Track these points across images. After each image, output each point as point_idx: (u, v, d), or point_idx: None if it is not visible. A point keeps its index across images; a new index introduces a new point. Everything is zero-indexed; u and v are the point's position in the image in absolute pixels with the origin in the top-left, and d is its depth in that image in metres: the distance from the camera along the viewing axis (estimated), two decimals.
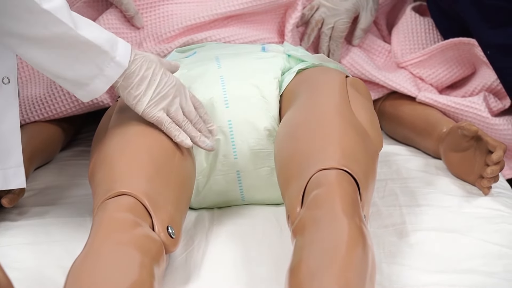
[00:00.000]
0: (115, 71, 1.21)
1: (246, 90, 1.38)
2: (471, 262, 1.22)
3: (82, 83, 1.20)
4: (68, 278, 1.02)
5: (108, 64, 1.20)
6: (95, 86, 1.21)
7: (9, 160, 1.30)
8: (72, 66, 1.18)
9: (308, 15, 1.71)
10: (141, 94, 1.24)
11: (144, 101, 1.25)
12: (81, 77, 1.20)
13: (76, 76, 1.20)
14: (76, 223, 1.34)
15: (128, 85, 1.24)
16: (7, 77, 1.27)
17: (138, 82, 1.24)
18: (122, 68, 1.22)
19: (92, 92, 1.22)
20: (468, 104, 1.63)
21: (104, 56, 1.19)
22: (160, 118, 1.26)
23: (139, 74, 1.24)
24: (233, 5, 1.61)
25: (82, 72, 1.19)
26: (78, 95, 1.23)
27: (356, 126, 1.24)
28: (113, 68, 1.21)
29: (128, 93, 1.24)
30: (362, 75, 1.72)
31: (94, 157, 1.28)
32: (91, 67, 1.19)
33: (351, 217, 1.05)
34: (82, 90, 1.22)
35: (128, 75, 1.23)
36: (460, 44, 1.67)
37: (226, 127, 1.36)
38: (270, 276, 1.18)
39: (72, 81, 1.20)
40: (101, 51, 1.19)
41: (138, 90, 1.24)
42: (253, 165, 1.38)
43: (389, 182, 1.49)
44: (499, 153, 1.38)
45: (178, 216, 1.19)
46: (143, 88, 1.24)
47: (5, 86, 1.27)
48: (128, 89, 1.24)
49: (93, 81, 1.20)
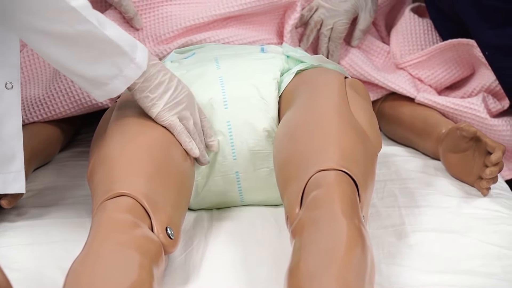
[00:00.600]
0: (135, 72, 1.23)
1: (245, 91, 1.38)
2: (470, 262, 1.22)
3: (101, 83, 1.22)
4: (67, 278, 1.02)
5: (128, 65, 1.22)
6: (114, 86, 1.22)
7: (10, 165, 1.30)
8: (93, 65, 1.20)
9: (307, 16, 1.71)
10: (157, 97, 1.26)
11: (159, 105, 1.27)
12: (100, 77, 1.21)
13: (96, 76, 1.21)
14: (75, 224, 1.34)
15: (146, 88, 1.25)
16: (10, 82, 1.28)
17: (156, 86, 1.26)
18: (141, 70, 1.23)
19: (109, 92, 1.23)
20: (467, 105, 1.63)
21: (125, 57, 1.21)
22: (173, 123, 1.28)
23: (157, 78, 1.26)
24: (232, 6, 1.61)
25: (102, 72, 1.21)
26: (95, 94, 1.24)
27: (355, 127, 1.24)
28: (132, 69, 1.22)
29: (145, 95, 1.26)
30: (361, 76, 1.72)
31: (93, 158, 1.28)
32: (112, 67, 1.20)
33: (350, 218, 1.05)
34: (100, 89, 1.23)
35: (148, 78, 1.25)
36: (459, 45, 1.67)
37: (225, 128, 1.36)
38: (269, 276, 1.18)
39: (91, 80, 1.21)
40: (122, 52, 1.20)
41: (155, 93, 1.26)
42: (252, 166, 1.38)
43: (388, 183, 1.50)
44: (498, 154, 1.38)
45: (177, 217, 1.19)
46: (160, 92, 1.26)
47: (8, 91, 1.28)
48: (145, 91, 1.26)
49: (112, 81, 1.22)
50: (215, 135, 1.36)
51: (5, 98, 1.27)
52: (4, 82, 1.27)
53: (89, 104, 1.58)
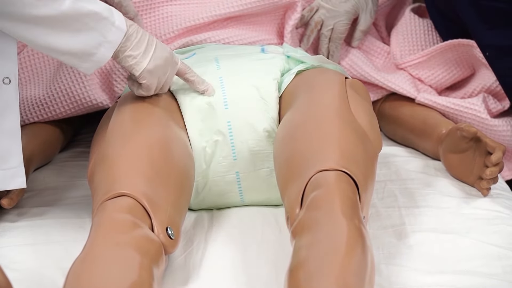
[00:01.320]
0: (117, 35, 1.24)
1: (245, 91, 1.38)
2: (470, 263, 1.22)
3: (89, 53, 1.23)
4: (67, 278, 1.02)
5: (110, 30, 1.23)
6: (101, 54, 1.24)
7: (9, 161, 1.30)
8: (78, 38, 1.21)
9: (308, 17, 1.71)
10: (140, 54, 1.27)
11: (143, 63, 1.28)
12: (87, 48, 1.22)
13: (82, 48, 1.22)
14: (75, 224, 1.34)
15: (127, 47, 1.27)
16: (7, 77, 1.27)
17: (137, 44, 1.27)
18: (123, 32, 1.25)
19: (97, 62, 1.24)
20: (467, 105, 1.63)
21: (105, 22, 1.22)
22: (151, 85, 1.30)
23: (137, 36, 1.27)
24: (232, 6, 1.61)
25: (87, 42, 1.22)
26: (83, 68, 1.25)
27: (355, 128, 1.24)
28: (114, 33, 1.24)
29: (128, 54, 1.27)
30: (361, 76, 1.72)
31: (94, 158, 1.28)
32: (95, 35, 1.22)
33: (350, 218, 1.05)
34: (88, 61, 1.24)
35: (127, 37, 1.26)
36: (459, 46, 1.67)
37: (225, 128, 1.36)
38: (269, 277, 1.18)
39: (79, 53, 1.23)
40: (102, 17, 1.22)
41: (137, 51, 1.27)
42: (253, 166, 1.38)
43: (388, 183, 1.50)
44: (498, 155, 1.38)
45: (177, 217, 1.19)
46: (142, 50, 1.28)
47: (6, 86, 1.27)
48: (127, 51, 1.27)
49: (98, 49, 1.23)
50: (205, 81, 1.37)
51: (3, 94, 1.27)
52: (1, 78, 1.27)
53: (89, 104, 1.58)
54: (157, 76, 1.30)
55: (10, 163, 1.30)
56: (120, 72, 1.60)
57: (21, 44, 1.65)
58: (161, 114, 1.33)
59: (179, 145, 1.29)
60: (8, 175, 1.30)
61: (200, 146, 1.37)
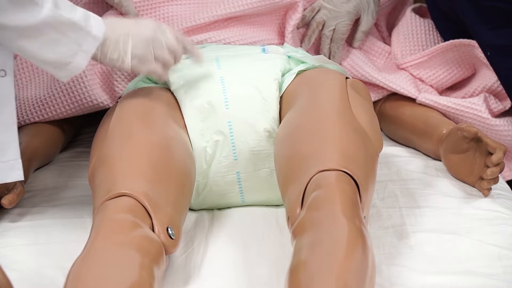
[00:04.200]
0: (92, 44, 1.25)
1: (246, 91, 1.38)
2: (471, 263, 1.22)
3: (64, 63, 1.23)
4: (68, 279, 1.02)
5: (85, 39, 1.23)
6: (76, 63, 1.24)
7: (7, 154, 1.30)
8: (55, 48, 1.21)
9: (309, 17, 1.71)
10: (122, 53, 1.28)
11: (127, 59, 1.29)
12: (63, 57, 1.23)
13: (58, 58, 1.23)
14: (76, 224, 1.34)
15: (106, 52, 1.27)
16: (3, 70, 1.28)
17: (114, 45, 1.28)
18: (98, 41, 1.25)
19: (72, 70, 1.25)
20: (468, 105, 1.63)
21: (81, 32, 1.23)
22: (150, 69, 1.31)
23: (112, 38, 1.27)
24: (233, 6, 1.61)
25: (63, 52, 1.22)
26: (59, 76, 1.26)
27: (356, 128, 1.24)
28: (90, 43, 1.24)
29: (110, 58, 1.28)
30: (362, 76, 1.72)
31: (94, 158, 1.28)
32: (71, 45, 1.22)
33: (351, 218, 1.05)
34: (63, 70, 1.25)
35: (104, 42, 1.26)
36: (460, 46, 1.67)
37: (226, 128, 1.36)
38: (270, 277, 1.18)
39: (55, 63, 1.23)
40: (78, 28, 1.22)
41: (115, 52, 1.28)
42: (253, 166, 1.38)
43: (389, 184, 1.49)
44: (499, 155, 1.38)
45: (178, 217, 1.19)
46: (119, 48, 1.28)
47: (2, 79, 1.28)
48: (107, 56, 1.27)
49: (74, 58, 1.23)
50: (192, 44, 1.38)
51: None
52: None
53: (90, 104, 1.58)
54: (149, 58, 1.31)
55: (7, 156, 1.30)
56: (120, 72, 1.60)
57: None
58: (162, 114, 1.33)
59: (179, 145, 1.29)
60: (6, 168, 1.30)
61: (201, 146, 1.37)
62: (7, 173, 1.30)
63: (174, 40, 1.34)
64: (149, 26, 1.32)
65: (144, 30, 1.31)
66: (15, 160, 1.30)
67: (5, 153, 1.29)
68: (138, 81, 1.48)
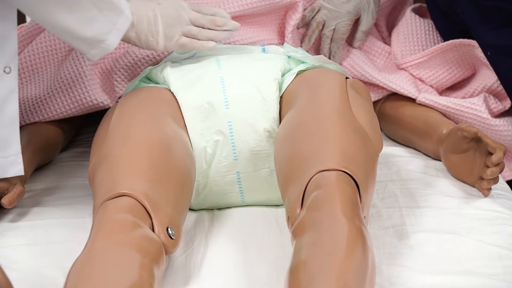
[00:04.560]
0: (125, 23, 1.30)
1: (246, 91, 1.38)
2: (471, 263, 1.22)
3: (98, 40, 1.28)
4: (68, 278, 1.02)
5: (119, 18, 1.28)
6: (110, 41, 1.29)
7: (9, 149, 1.31)
8: (92, 24, 1.26)
9: (309, 17, 1.71)
10: (154, 33, 1.35)
11: (160, 39, 1.36)
12: (98, 34, 1.27)
13: (94, 34, 1.27)
14: (75, 224, 1.34)
15: (139, 33, 1.34)
16: (8, 66, 1.29)
17: (146, 26, 1.34)
18: (129, 20, 1.31)
19: (105, 48, 1.29)
20: (468, 105, 1.63)
21: (116, 10, 1.28)
22: (181, 43, 1.39)
23: (141, 19, 1.33)
24: (233, 6, 1.61)
25: (99, 29, 1.27)
26: (90, 54, 1.30)
27: (356, 128, 1.24)
28: (123, 21, 1.30)
29: (144, 40, 1.36)
30: (362, 76, 1.72)
31: (94, 158, 1.28)
32: (107, 22, 1.27)
33: (351, 218, 1.05)
34: (96, 48, 1.29)
35: (138, 22, 1.33)
36: (460, 46, 1.67)
37: (226, 128, 1.36)
38: (270, 277, 1.18)
39: (90, 39, 1.28)
40: (114, 6, 1.27)
41: (149, 32, 1.35)
42: (253, 166, 1.38)
43: (389, 184, 1.49)
44: (499, 155, 1.38)
45: (178, 217, 1.19)
46: (152, 28, 1.34)
47: (7, 75, 1.29)
48: (143, 35, 1.35)
49: (108, 36, 1.28)
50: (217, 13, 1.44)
51: (4, 83, 1.29)
52: (2, 67, 1.28)
53: (90, 104, 1.58)
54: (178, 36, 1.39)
55: (9, 151, 1.31)
56: (120, 72, 1.60)
57: (22, 44, 1.65)
58: (162, 114, 1.33)
59: (179, 145, 1.29)
60: (8, 163, 1.31)
61: (201, 146, 1.37)
62: (8, 167, 1.32)
63: (195, 14, 1.41)
64: (170, 4, 1.38)
65: (168, 9, 1.37)
66: (16, 155, 1.32)
67: (7, 148, 1.30)
68: (138, 81, 1.48)
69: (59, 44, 1.62)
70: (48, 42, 1.62)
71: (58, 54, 1.62)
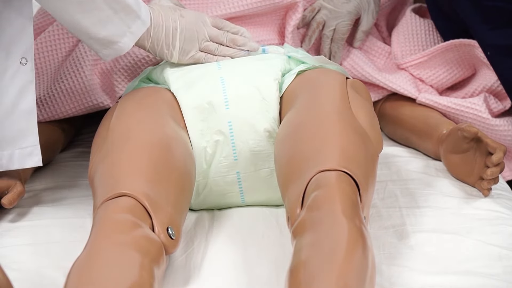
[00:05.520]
0: (140, 28, 1.32)
1: (246, 91, 1.38)
2: (471, 263, 1.22)
3: (111, 41, 1.30)
4: (68, 279, 1.02)
5: (135, 22, 1.30)
6: (123, 44, 1.31)
7: (26, 140, 1.33)
8: (106, 25, 1.28)
9: (309, 17, 1.71)
10: (171, 45, 1.36)
11: (175, 52, 1.38)
12: (112, 36, 1.30)
13: (107, 35, 1.29)
14: (76, 224, 1.34)
15: (155, 42, 1.35)
16: (25, 58, 1.31)
17: (164, 37, 1.35)
18: (146, 26, 1.33)
19: (118, 50, 1.33)
20: (468, 105, 1.63)
21: (133, 14, 1.30)
22: (196, 58, 1.41)
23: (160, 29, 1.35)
24: (233, 7, 1.61)
25: (113, 31, 1.29)
26: (103, 54, 1.32)
27: (356, 128, 1.24)
28: (138, 26, 1.32)
29: (159, 51, 1.38)
30: (362, 76, 1.72)
31: (94, 158, 1.28)
32: (122, 25, 1.29)
33: (351, 218, 1.05)
34: (109, 48, 1.31)
35: (156, 31, 1.34)
36: (460, 46, 1.67)
37: (226, 128, 1.36)
38: (270, 277, 1.18)
39: (103, 40, 1.30)
40: (131, 10, 1.29)
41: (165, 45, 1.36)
42: (253, 167, 1.38)
43: (389, 184, 1.49)
44: (499, 155, 1.38)
45: (178, 217, 1.19)
46: (170, 40, 1.36)
47: (23, 67, 1.31)
48: (159, 45, 1.35)
49: (122, 38, 1.30)
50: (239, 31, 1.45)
51: (21, 74, 1.31)
52: (19, 58, 1.30)
53: (90, 104, 1.58)
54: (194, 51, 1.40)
55: (27, 142, 1.33)
56: (121, 72, 1.60)
57: None
58: (162, 114, 1.33)
59: (179, 145, 1.29)
60: (26, 154, 1.33)
61: (201, 146, 1.37)
62: (26, 158, 1.34)
63: (215, 31, 1.42)
64: (192, 19, 1.39)
65: (189, 24, 1.38)
66: (34, 146, 1.34)
67: (25, 139, 1.33)
68: (138, 81, 1.48)
69: (59, 44, 1.62)
70: (49, 42, 1.62)
71: (58, 54, 1.62)
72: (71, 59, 1.59)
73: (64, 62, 1.61)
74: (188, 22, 1.39)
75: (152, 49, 1.38)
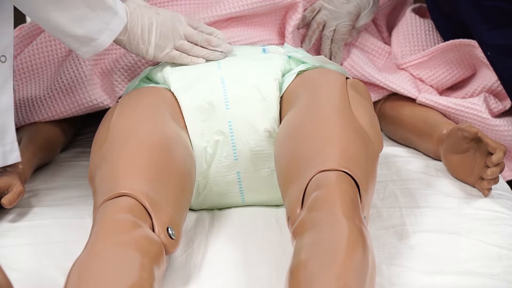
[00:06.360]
0: (119, 24, 1.32)
1: (246, 91, 1.38)
2: (471, 263, 1.22)
3: (90, 38, 1.30)
4: (68, 278, 1.02)
5: (113, 18, 1.31)
6: (102, 41, 1.31)
7: (6, 137, 1.33)
8: (83, 23, 1.28)
9: (309, 17, 1.71)
10: (146, 41, 1.37)
11: (151, 48, 1.38)
12: (89, 33, 1.30)
13: (85, 33, 1.29)
14: (76, 224, 1.34)
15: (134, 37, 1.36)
16: (3, 55, 1.30)
17: (139, 33, 1.36)
18: (124, 22, 1.33)
19: (97, 47, 1.33)
20: (468, 105, 1.63)
21: (110, 11, 1.30)
22: (170, 55, 1.41)
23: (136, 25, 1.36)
24: (233, 7, 1.61)
25: (91, 28, 1.29)
26: (82, 52, 1.32)
27: (356, 128, 1.24)
28: (117, 22, 1.32)
29: (135, 46, 1.38)
30: (362, 76, 1.72)
31: (94, 158, 1.28)
32: (99, 22, 1.29)
33: (351, 218, 1.05)
34: (88, 46, 1.31)
35: (132, 26, 1.35)
36: (460, 46, 1.67)
37: (226, 128, 1.36)
38: (270, 277, 1.18)
39: (81, 37, 1.30)
40: (107, 7, 1.29)
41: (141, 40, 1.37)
42: (253, 167, 1.38)
43: (389, 184, 1.49)
44: (499, 155, 1.38)
45: (178, 217, 1.19)
46: (146, 36, 1.36)
47: (2, 64, 1.31)
48: (135, 40, 1.37)
49: (100, 35, 1.30)
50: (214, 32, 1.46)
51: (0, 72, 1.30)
52: None
53: (90, 104, 1.58)
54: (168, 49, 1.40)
55: (7, 139, 1.33)
56: (121, 72, 1.60)
57: (22, 44, 1.65)
58: (162, 114, 1.33)
59: (180, 145, 1.29)
60: (7, 151, 1.34)
61: (201, 146, 1.37)
62: (8, 156, 1.34)
63: (190, 30, 1.42)
64: (167, 16, 1.40)
65: (165, 20, 1.38)
66: (13, 143, 1.34)
67: (5, 136, 1.32)
68: (138, 81, 1.48)
69: (59, 44, 1.62)
70: (48, 42, 1.62)
71: (58, 54, 1.62)
72: (71, 59, 1.59)
73: (64, 62, 1.61)
74: (164, 19, 1.39)
75: (128, 45, 1.38)
